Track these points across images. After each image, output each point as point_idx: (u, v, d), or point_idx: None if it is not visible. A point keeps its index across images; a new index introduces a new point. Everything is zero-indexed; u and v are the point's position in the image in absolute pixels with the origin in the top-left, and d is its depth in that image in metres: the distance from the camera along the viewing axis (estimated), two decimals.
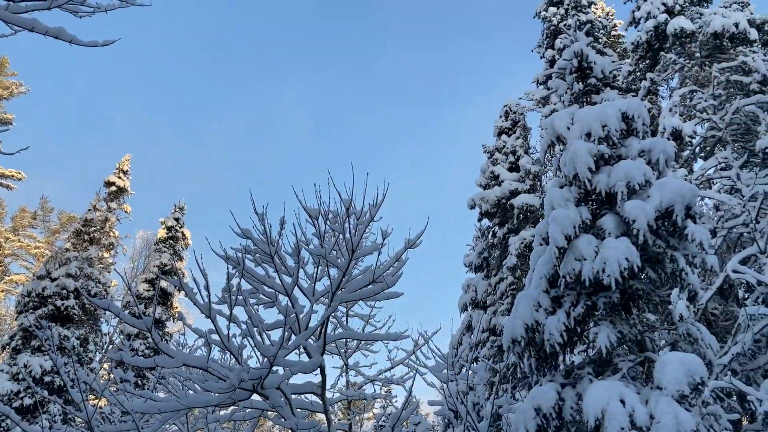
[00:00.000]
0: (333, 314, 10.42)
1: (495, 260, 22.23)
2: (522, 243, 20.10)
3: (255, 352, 6.83)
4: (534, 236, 9.06)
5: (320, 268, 8.36)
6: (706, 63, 19.17)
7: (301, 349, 7.64)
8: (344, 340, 12.34)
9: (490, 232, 23.06)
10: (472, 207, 22.50)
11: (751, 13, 20.22)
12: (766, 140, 14.31)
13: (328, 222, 7.77)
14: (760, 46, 18.97)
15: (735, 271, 11.95)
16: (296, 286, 7.42)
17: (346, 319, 13.05)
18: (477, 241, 23.46)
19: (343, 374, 12.97)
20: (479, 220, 23.17)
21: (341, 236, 7.73)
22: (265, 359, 6.31)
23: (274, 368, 6.42)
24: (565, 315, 7.67)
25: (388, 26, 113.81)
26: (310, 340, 7.53)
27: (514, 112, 24.48)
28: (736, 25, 18.62)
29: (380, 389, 13.38)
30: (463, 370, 12.91)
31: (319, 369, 7.19)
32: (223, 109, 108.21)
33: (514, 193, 21.86)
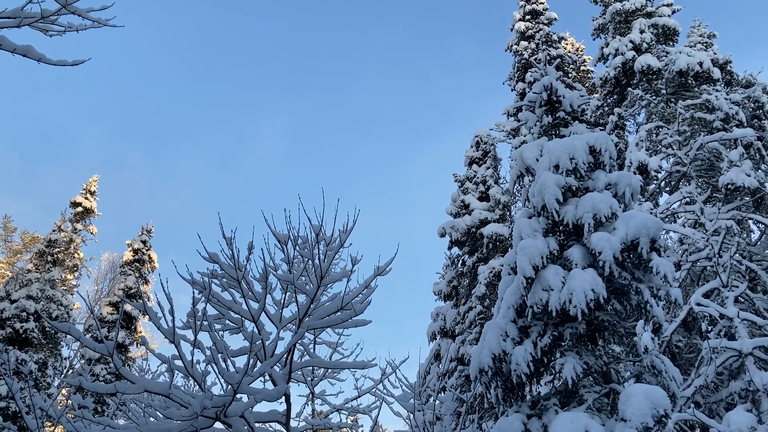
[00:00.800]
0: (300, 341, 10.30)
1: (464, 289, 22.29)
2: (491, 272, 20.20)
3: (219, 379, 6.72)
4: (503, 265, 9.11)
5: (288, 294, 8.31)
6: (672, 100, 19.68)
7: (267, 377, 7.53)
8: (311, 368, 12.18)
9: (460, 261, 23.16)
10: (443, 235, 22.59)
11: (715, 53, 20.89)
12: (729, 176, 14.68)
13: (297, 247, 7.74)
14: (722, 84, 19.57)
15: (698, 304, 12.14)
16: (263, 312, 7.34)
17: (314, 346, 12.87)
18: (447, 270, 23.52)
19: (309, 403, 12.77)
20: (449, 248, 23.25)
21: (310, 262, 7.70)
22: (229, 386, 6.19)
23: (238, 396, 6.30)
24: (532, 345, 7.69)
25: (366, 57, 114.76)
26: (275, 367, 7.43)
27: (485, 143, 24.77)
28: (701, 64, 19.20)
29: (346, 418, 13.20)
30: (431, 399, 12.83)
31: (284, 397, 7.09)
32: (196, 133, 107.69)
33: (484, 222, 22.02)
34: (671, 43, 23.02)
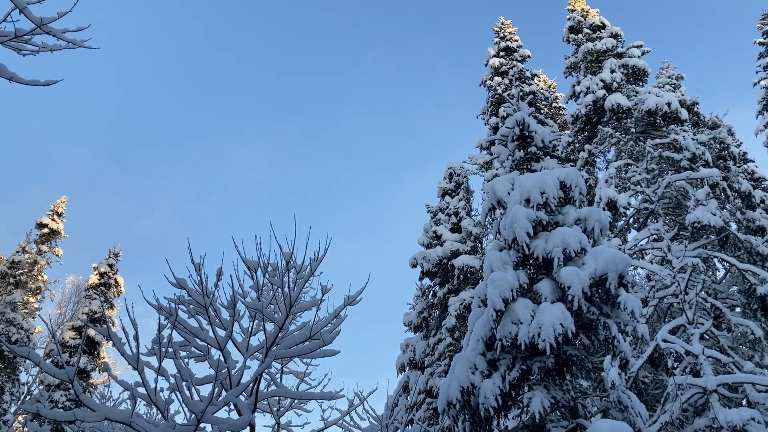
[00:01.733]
0: (267, 370, 10.15)
1: (434, 320, 22.25)
2: (461, 304, 20.21)
3: (183, 408, 6.56)
4: (473, 297, 9.13)
5: (256, 322, 8.18)
6: (641, 138, 20.11)
7: (232, 406, 7.39)
8: (277, 397, 11.99)
9: (431, 292, 23.15)
10: (414, 266, 22.60)
11: (682, 94, 21.46)
12: (695, 215, 14.97)
13: (267, 275, 7.66)
14: (690, 125, 20.07)
15: (665, 341, 12.27)
16: (230, 340, 7.23)
17: (281, 376, 12.69)
18: (417, 301, 23.48)
19: None
20: (420, 279, 23.25)
21: (280, 290, 7.62)
22: (193, 415, 6.06)
23: (202, 425, 6.17)
24: (501, 379, 7.68)
25: (351, 89, 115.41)
26: (241, 396, 7.29)
27: (458, 175, 24.99)
28: (669, 104, 19.69)
29: None
30: None
31: (248, 427, 6.95)
32: (176, 157, 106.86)
33: (456, 254, 22.10)
34: (641, 83, 23.60)
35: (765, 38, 28.73)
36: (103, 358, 28.74)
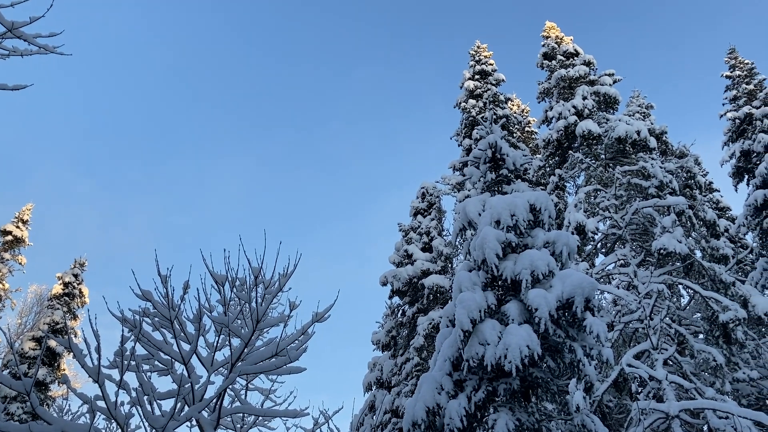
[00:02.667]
0: (231, 386, 10.01)
1: (403, 339, 22.18)
2: (430, 323, 20.21)
3: (143, 423, 6.42)
4: (442, 317, 9.14)
5: (222, 336, 8.08)
6: (610, 165, 20.45)
7: (194, 422, 7.26)
8: (241, 414, 11.82)
9: (400, 311, 23.11)
10: (384, 284, 22.56)
11: (652, 123, 21.92)
12: (662, 242, 15.23)
13: (234, 289, 7.58)
14: (658, 153, 20.49)
15: (629, 365, 12.40)
16: (194, 355, 7.12)
17: (245, 392, 12.53)
18: (386, 319, 23.40)
19: None
20: (390, 297, 23.20)
21: (247, 305, 7.54)
22: (154, 430, 5.94)
23: None
24: (467, 399, 7.67)
25: (334, 107, 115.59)
26: (204, 412, 7.17)
27: (431, 194, 25.09)
28: (638, 132, 20.08)
29: None
30: None
31: None
32: (154, 170, 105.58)
33: (426, 273, 22.12)
34: (611, 111, 24.06)
35: (732, 71, 29.54)
36: (64, 370, 28.08)
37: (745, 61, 29.46)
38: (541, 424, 8.03)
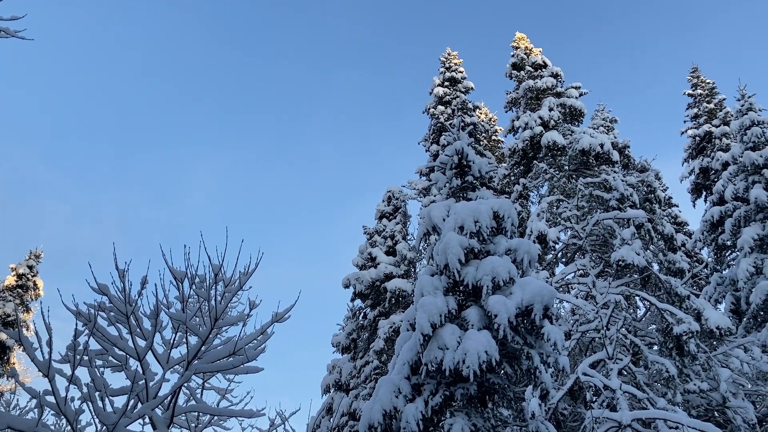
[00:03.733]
0: (186, 385, 9.88)
1: (363, 342, 22.16)
2: (391, 327, 20.22)
3: (94, 419, 6.29)
4: (403, 321, 9.15)
5: (179, 334, 7.96)
6: (573, 176, 20.77)
7: (146, 420, 7.14)
8: (196, 413, 11.66)
9: (362, 314, 23.08)
10: (347, 286, 22.52)
11: (615, 137, 22.32)
12: (620, 253, 15.51)
13: (194, 286, 7.47)
14: (620, 166, 20.88)
15: (585, 374, 12.57)
16: (150, 351, 7.00)
17: (201, 391, 12.37)
18: (347, 322, 23.35)
19: None
20: (352, 299, 23.16)
21: (206, 302, 7.44)
22: (104, 427, 5.82)
23: None
24: (424, 404, 7.69)
25: (315, 107, 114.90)
26: (157, 410, 7.06)
27: (397, 198, 25.14)
28: (602, 145, 20.43)
29: None
30: None
31: None
32: (128, 166, 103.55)
33: (389, 277, 22.15)
34: (577, 123, 24.45)
35: (694, 90, 30.30)
36: (13, 363, 27.37)
37: (707, 81, 30.26)
38: (497, 430, 8.09)
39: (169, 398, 6.88)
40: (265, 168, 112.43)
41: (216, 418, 11.80)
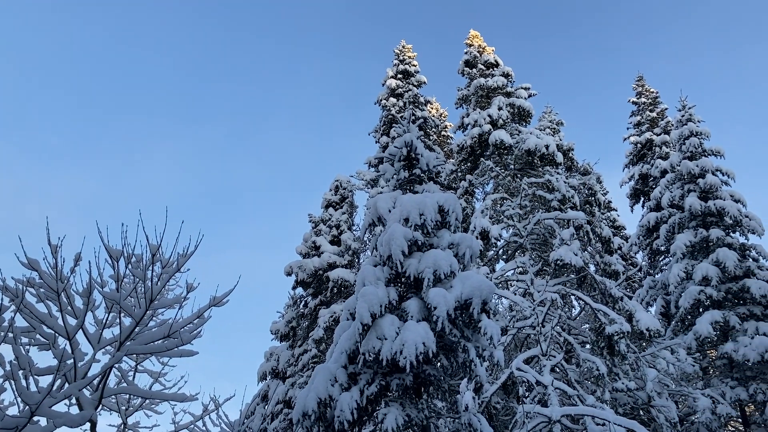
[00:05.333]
0: (118, 366, 9.64)
1: (303, 331, 22.06)
2: (331, 316, 20.20)
3: (16, 398, 6.06)
4: (343, 310, 9.14)
5: (112, 314, 7.76)
6: (518, 175, 21.13)
7: (73, 400, 6.93)
8: (127, 396, 11.39)
9: (303, 302, 22.96)
10: (289, 274, 22.35)
11: (561, 139, 22.82)
12: (559, 253, 15.87)
13: (130, 266, 7.28)
14: (564, 168, 21.34)
15: (519, 369, 12.83)
16: (81, 330, 6.79)
17: (134, 373, 12.10)
18: (287, 309, 23.19)
19: None
20: (294, 288, 23.00)
21: (142, 283, 7.26)
22: (27, 407, 5.62)
23: (36, 418, 5.73)
24: (359, 393, 7.71)
25: (278, 98, 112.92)
26: (85, 391, 6.85)
27: (344, 188, 25.07)
28: (547, 147, 20.85)
29: None
30: None
31: (89, 424, 6.54)
32: (85, 145, 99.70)
33: (332, 266, 22.10)
34: (524, 124, 24.85)
35: (638, 98, 31.19)
36: None
37: (651, 90, 31.19)
38: (430, 421, 8.18)
39: (98, 379, 6.70)
40: (225, 153, 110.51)
41: (147, 401, 11.58)
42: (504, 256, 19.70)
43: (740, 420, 19.50)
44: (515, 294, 16.23)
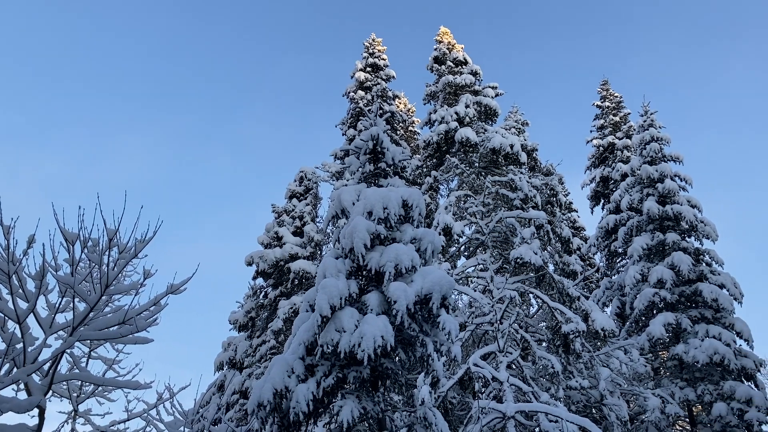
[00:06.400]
0: (70, 352, 9.44)
1: (262, 321, 21.92)
2: (291, 308, 20.11)
3: None
4: (303, 301, 9.11)
5: (66, 299, 7.59)
6: (483, 173, 21.30)
7: (22, 386, 6.77)
8: (79, 382, 11.18)
9: (263, 293, 22.81)
10: (250, 264, 22.17)
11: (525, 139, 23.04)
12: (519, 251, 16.07)
13: (86, 250, 7.11)
14: (527, 168, 21.59)
15: (476, 365, 12.96)
16: (32, 314, 6.62)
17: (87, 360, 11.87)
18: (247, 300, 23.00)
19: (70, 421, 11.65)
20: (254, 278, 22.82)
21: (97, 267, 7.11)
22: None
23: None
24: (316, 385, 7.69)
25: (253, 91, 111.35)
26: (34, 376, 6.69)
27: (309, 180, 24.94)
28: (512, 146, 21.06)
29: None
30: (204, 430, 12.28)
31: (37, 410, 6.39)
32: (53, 129, 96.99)
33: (294, 257, 21.98)
34: (490, 122, 25.07)
35: (602, 102, 31.70)
36: None
37: (615, 94, 31.72)
38: (386, 414, 8.21)
39: (48, 364, 6.55)
40: (195, 143, 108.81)
41: (100, 388, 11.38)
42: (466, 253, 19.86)
43: (688, 420, 20.05)
44: (475, 290, 16.38)
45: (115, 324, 7.08)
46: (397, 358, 8.52)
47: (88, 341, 10.42)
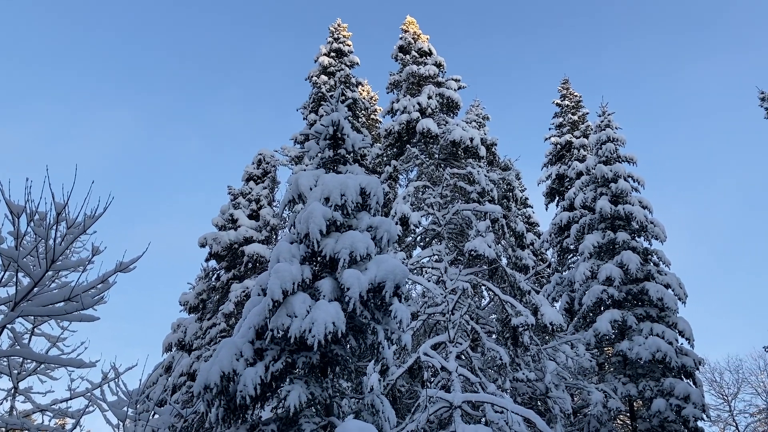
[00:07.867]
0: (12, 328, 9.20)
1: (213, 304, 21.67)
2: (244, 291, 19.92)
3: None
4: (255, 285, 9.04)
5: (9, 273, 7.37)
6: (442, 165, 21.42)
7: None
8: (20, 359, 10.89)
9: (215, 275, 22.53)
10: (203, 245, 21.85)
11: (485, 133, 23.27)
12: (473, 244, 16.24)
13: (32, 223, 6.91)
14: (485, 162, 21.79)
15: (426, 354, 13.09)
16: None
17: (30, 337, 11.56)
18: (198, 281, 22.68)
19: (10, 398, 11.35)
20: (207, 260, 22.50)
21: (44, 242, 6.92)
22: None
23: None
24: (264, 369, 7.65)
25: (221, 74, 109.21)
26: None
27: (267, 163, 24.67)
28: (472, 140, 21.23)
29: (51, 421, 11.93)
30: (149, 411, 12.11)
31: None
32: (26, 102, 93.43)
33: (249, 241, 21.76)
34: (452, 115, 25.19)
35: (562, 100, 32.16)
36: None
37: (575, 93, 32.22)
38: (334, 400, 8.23)
39: None
40: (159, 126, 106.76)
41: (42, 365, 11.11)
42: (421, 243, 19.97)
43: (628, 414, 20.65)
44: (429, 281, 16.50)
45: (61, 300, 6.91)
46: (347, 345, 8.53)
47: (32, 317, 10.17)
